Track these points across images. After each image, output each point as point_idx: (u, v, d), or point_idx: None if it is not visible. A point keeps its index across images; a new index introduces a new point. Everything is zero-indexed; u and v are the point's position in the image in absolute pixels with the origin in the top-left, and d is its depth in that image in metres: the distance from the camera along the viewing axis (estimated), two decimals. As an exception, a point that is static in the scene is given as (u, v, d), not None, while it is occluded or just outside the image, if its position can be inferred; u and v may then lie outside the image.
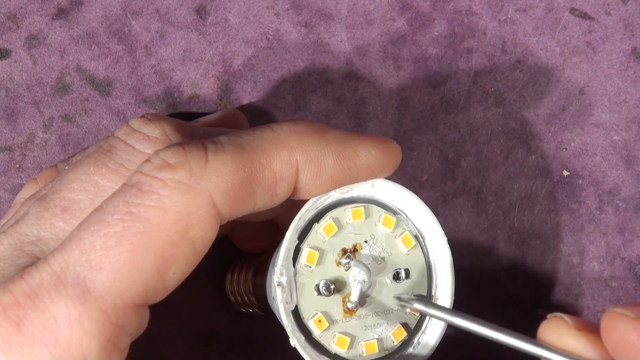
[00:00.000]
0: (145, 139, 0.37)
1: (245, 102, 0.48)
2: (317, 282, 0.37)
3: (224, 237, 0.46)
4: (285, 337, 0.38)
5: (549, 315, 0.33)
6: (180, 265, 0.33)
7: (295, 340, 0.36)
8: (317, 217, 0.37)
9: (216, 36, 0.48)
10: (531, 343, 0.32)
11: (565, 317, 0.32)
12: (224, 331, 0.47)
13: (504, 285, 0.48)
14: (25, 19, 0.47)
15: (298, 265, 0.37)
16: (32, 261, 0.34)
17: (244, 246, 0.46)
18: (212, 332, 0.47)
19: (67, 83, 0.47)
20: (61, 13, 0.47)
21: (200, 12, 0.48)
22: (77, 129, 0.47)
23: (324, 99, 0.48)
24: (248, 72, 0.48)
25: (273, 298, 0.37)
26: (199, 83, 0.48)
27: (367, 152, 0.37)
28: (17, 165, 0.47)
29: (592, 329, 0.32)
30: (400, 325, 0.38)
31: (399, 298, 0.37)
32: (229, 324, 0.47)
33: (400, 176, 0.48)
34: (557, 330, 0.32)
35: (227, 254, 0.47)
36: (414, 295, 0.37)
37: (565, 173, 0.49)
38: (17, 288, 0.32)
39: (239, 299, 0.45)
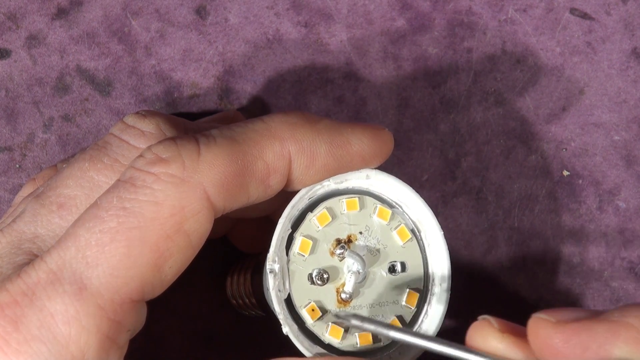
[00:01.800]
0: (140, 134, 0.37)
1: (245, 102, 0.48)
2: (310, 271, 0.37)
3: (223, 237, 0.46)
4: (284, 336, 0.38)
5: (478, 318, 0.34)
6: (176, 259, 0.33)
7: (288, 329, 0.36)
8: (311, 207, 0.37)
9: (216, 36, 0.48)
10: (457, 348, 0.33)
11: (492, 319, 0.33)
12: (223, 332, 0.47)
13: (504, 285, 0.48)
14: (25, 19, 0.47)
15: (291, 254, 0.37)
16: (30, 259, 0.35)
17: (243, 246, 0.46)
18: (211, 332, 0.47)
19: (67, 83, 0.47)
20: (61, 13, 0.47)
21: (200, 12, 0.48)
22: (77, 129, 0.47)
23: (324, 99, 0.48)
24: (248, 72, 0.48)
25: (267, 289, 0.37)
26: (199, 83, 0.48)
27: (358, 140, 0.37)
28: (17, 165, 0.47)
29: (517, 332, 0.33)
30: (395, 318, 0.38)
31: (336, 315, 0.37)
32: (229, 325, 0.47)
33: (400, 176, 0.48)
34: (481, 333, 0.33)
35: (227, 254, 0.47)
36: (352, 314, 0.37)
37: (565, 173, 0.49)
38: (14, 286, 0.32)
39: (240, 301, 0.45)
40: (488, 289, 0.48)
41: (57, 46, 0.47)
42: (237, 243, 0.46)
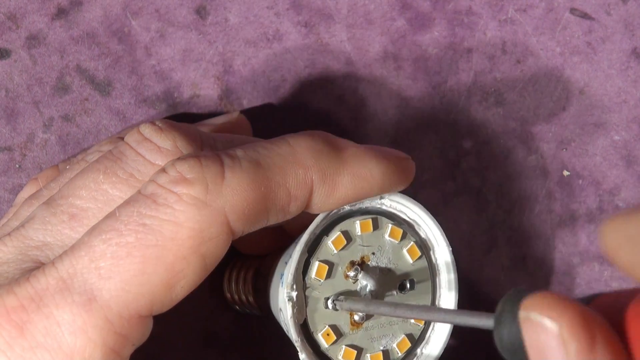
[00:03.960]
0: (156, 149, 0.37)
1: (245, 102, 0.48)
2: (326, 296, 0.37)
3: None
4: (284, 336, 0.38)
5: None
6: (188, 280, 0.33)
7: (305, 355, 0.36)
8: (326, 230, 0.37)
9: (216, 36, 0.48)
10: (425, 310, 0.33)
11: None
12: (223, 331, 0.47)
13: (504, 285, 0.48)
14: (25, 19, 0.47)
15: (307, 279, 0.37)
16: (37, 266, 0.34)
17: (243, 248, 0.46)
18: (211, 332, 0.47)
19: (67, 83, 0.47)
20: (61, 13, 0.47)
21: (200, 12, 0.48)
22: (77, 129, 0.47)
23: (324, 99, 0.48)
24: (248, 72, 0.48)
25: (280, 310, 0.37)
26: (199, 83, 0.48)
27: (381, 173, 0.36)
28: (17, 165, 0.47)
29: None
30: (405, 336, 0.38)
31: (334, 303, 0.37)
32: (229, 325, 0.47)
33: (400, 176, 0.48)
34: None
35: (226, 255, 0.47)
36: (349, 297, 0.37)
37: (566, 173, 0.49)
38: (22, 291, 0.32)
39: (236, 297, 0.45)
40: (488, 289, 0.48)
41: (57, 46, 0.47)
42: (236, 244, 0.46)
